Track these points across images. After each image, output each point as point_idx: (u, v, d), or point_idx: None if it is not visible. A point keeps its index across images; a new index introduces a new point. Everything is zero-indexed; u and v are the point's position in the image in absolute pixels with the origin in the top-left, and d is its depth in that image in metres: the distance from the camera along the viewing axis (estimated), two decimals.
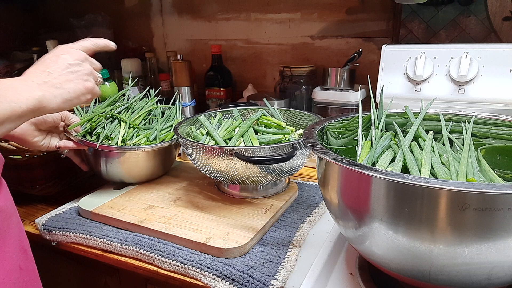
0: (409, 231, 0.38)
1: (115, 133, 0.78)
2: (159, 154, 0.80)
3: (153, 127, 0.84)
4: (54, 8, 1.62)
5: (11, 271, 0.50)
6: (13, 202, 0.54)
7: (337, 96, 0.98)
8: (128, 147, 0.75)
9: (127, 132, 0.79)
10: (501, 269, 0.37)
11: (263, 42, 1.24)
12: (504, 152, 0.51)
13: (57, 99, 0.50)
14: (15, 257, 0.51)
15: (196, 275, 0.56)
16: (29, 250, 0.56)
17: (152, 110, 0.89)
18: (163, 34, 1.43)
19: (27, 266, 0.54)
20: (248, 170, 0.65)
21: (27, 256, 0.55)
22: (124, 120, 0.80)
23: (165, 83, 1.28)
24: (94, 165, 0.79)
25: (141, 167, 0.79)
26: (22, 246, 0.54)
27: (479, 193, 0.33)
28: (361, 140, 0.53)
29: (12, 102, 0.43)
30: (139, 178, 0.81)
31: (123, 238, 0.64)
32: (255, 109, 0.88)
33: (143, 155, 0.77)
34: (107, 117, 0.81)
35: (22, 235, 0.55)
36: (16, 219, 0.54)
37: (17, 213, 0.55)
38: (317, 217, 0.69)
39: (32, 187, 0.80)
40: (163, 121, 0.86)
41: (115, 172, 0.78)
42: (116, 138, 0.77)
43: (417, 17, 0.97)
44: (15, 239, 0.52)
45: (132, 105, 0.86)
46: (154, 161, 0.80)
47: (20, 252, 0.53)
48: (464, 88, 0.78)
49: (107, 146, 0.74)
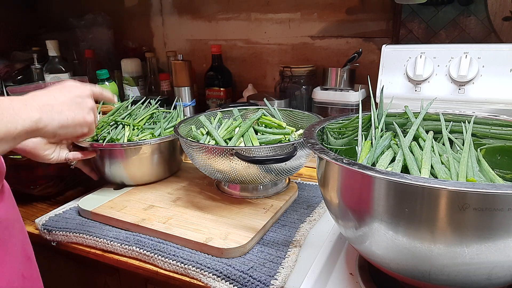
0: (409, 231, 0.38)
1: (121, 135, 0.79)
2: (165, 150, 0.80)
3: (157, 126, 0.85)
4: (54, 8, 1.62)
5: (14, 280, 0.50)
6: (17, 209, 0.54)
7: (337, 96, 0.98)
8: (134, 142, 0.76)
9: (131, 132, 0.80)
10: (501, 269, 0.37)
11: (263, 42, 1.24)
12: (504, 152, 0.51)
13: (54, 123, 0.49)
14: (17, 266, 0.51)
15: (196, 275, 0.56)
16: (33, 257, 0.56)
17: (154, 115, 0.90)
18: (163, 34, 1.43)
19: (31, 274, 0.54)
20: (248, 170, 0.65)
21: (30, 263, 0.55)
22: (127, 123, 0.82)
23: (165, 83, 1.28)
24: (101, 169, 0.79)
25: (146, 166, 0.79)
26: (26, 253, 0.54)
27: (479, 193, 0.33)
28: (361, 140, 0.53)
29: (8, 123, 0.43)
30: (145, 178, 0.81)
31: (123, 238, 0.64)
32: (255, 109, 0.88)
33: (149, 152, 0.78)
34: (111, 123, 0.83)
35: (26, 242, 0.55)
36: (20, 226, 0.53)
37: (21, 220, 0.54)
38: (317, 217, 0.69)
39: (32, 187, 0.80)
40: (166, 121, 0.88)
41: (121, 173, 0.78)
42: (122, 139, 0.78)
43: (417, 17, 0.97)
44: (18, 248, 0.52)
45: (134, 111, 0.88)
46: (159, 158, 0.80)
47: (24, 260, 0.53)
48: (464, 88, 0.78)
49: (114, 144, 0.76)
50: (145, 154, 0.77)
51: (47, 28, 1.61)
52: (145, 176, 0.81)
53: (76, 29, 1.49)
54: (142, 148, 0.76)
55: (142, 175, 0.80)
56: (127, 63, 1.31)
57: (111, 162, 0.77)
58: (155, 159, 0.79)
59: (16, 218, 0.53)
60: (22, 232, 0.54)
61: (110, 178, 0.80)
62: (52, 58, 1.32)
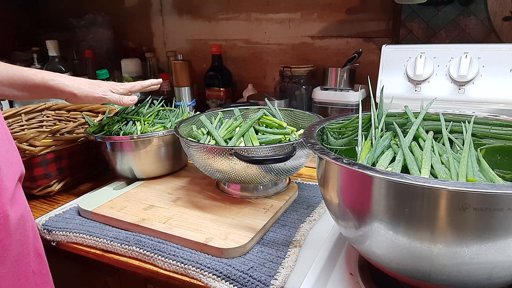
0: (409, 231, 0.38)
1: (133, 129, 0.83)
2: (176, 142, 0.83)
3: (167, 120, 0.89)
4: (54, 8, 1.62)
5: (26, 276, 0.51)
6: (29, 208, 0.55)
7: (337, 96, 0.98)
8: (149, 134, 0.79)
9: (143, 127, 0.84)
10: (501, 269, 0.37)
11: (263, 42, 1.24)
12: (504, 152, 0.51)
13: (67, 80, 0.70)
14: (29, 262, 0.52)
15: (196, 275, 0.56)
16: (43, 253, 0.57)
17: (160, 112, 0.93)
18: (163, 34, 1.43)
19: (41, 270, 0.55)
20: (248, 170, 0.65)
21: (41, 260, 0.56)
22: (137, 119, 0.86)
23: (165, 83, 1.28)
24: (113, 163, 0.82)
25: (158, 158, 0.82)
26: (37, 250, 0.55)
27: (479, 193, 0.33)
28: (361, 140, 0.53)
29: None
30: (156, 171, 0.84)
31: (123, 238, 0.64)
32: (256, 109, 0.88)
33: (162, 144, 0.81)
34: (122, 121, 0.86)
35: (37, 239, 0.56)
36: (32, 224, 0.54)
37: (32, 218, 0.55)
38: (317, 217, 0.69)
39: (32, 187, 0.80)
40: (173, 116, 0.91)
41: (134, 166, 0.81)
42: (135, 133, 0.82)
43: (417, 17, 0.97)
44: (30, 244, 0.53)
45: (140, 110, 0.91)
46: (171, 150, 0.83)
47: (35, 256, 0.54)
48: (464, 88, 0.78)
49: (130, 136, 0.79)
50: (158, 146, 0.81)
51: (47, 28, 1.61)
52: (157, 168, 0.84)
53: (76, 29, 1.49)
54: (155, 140, 0.80)
55: (154, 167, 0.83)
56: (127, 63, 1.31)
57: (123, 155, 0.80)
58: (167, 151, 0.83)
59: (29, 216, 0.54)
60: (34, 229, 0.55)
61: (122, 172, 0.83)
62: (52, 58, 1.32)
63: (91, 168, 0.93)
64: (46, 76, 0.70)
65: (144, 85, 0.82)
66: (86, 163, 0.90)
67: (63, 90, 0.70)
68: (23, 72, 0.69)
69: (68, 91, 0.71)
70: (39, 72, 0.70)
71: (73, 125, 0.88)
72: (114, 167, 0.83)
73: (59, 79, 0.70)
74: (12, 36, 1.56)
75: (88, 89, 0.72)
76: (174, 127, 0.77)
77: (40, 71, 0.71)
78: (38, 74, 0.70)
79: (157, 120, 0.89)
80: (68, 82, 0.71)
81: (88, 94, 0.72)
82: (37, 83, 0.69)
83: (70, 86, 0.71)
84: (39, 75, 0.69)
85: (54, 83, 0.70)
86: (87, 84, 0.73)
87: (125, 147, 0.79)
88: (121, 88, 0.78)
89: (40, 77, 0.69)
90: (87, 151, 0.89)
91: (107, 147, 0.80)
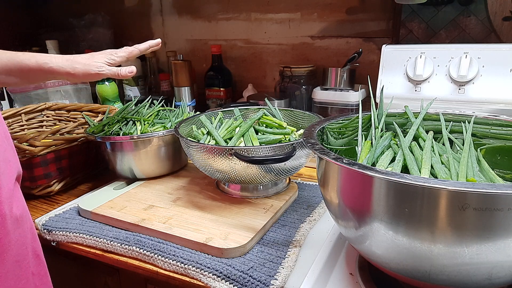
0: (409, 231, 0.38)
1: (133, 129, 0.84)
2: (176, 142, 0.83)
3: (167, 120, 0.89)
4: (54, 8, 1.62)
5: (24, 277, 0.51)
6: (27, 209, 0.55)
7: (337, 96, 0.98)
8: (149, 134, 0.79)
9: (143, 127, 0.84)
10: (501, 269, 0.37)
11: (263, 42, 1.24)
12: (504, 152, 0.51)
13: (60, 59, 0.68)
14: (28, 263, 0.52)
15: (196, 275, 0.56)
16: (41, 255, 0.56)
17: (160, 112, 0.94)
18: (163, 34, 1.43)
19: (39, 271, 0.55)
20: (248, 170, 0.65)
21: (39, 261, 0.55)
22: (137, 119, 0.86)
23: (165, 83, 1.28)
24: (113, 163, 0.82)
25: (158, 158, 0.82)
26: (35, 251, 0.54)
27: (479, 193, 0.33)
28: (361, 140, 0.53)
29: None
30: (157, 171, 0.84)
31: (123, 238, 0.64)
32: (256, 109, 0.88)
33: (162, 143, 0.81)
34: (122, 121, 0.86)
35: (35, 240, 0.56)
36: (30, 225, 0.54)
37: (31, 219, 0.55)
38: (317, 217, 0.69)
39: (32, 187, 0.80)
40: (173, 116, 0.91)
41: (134, 166, 0.81)
42: (135, 133, 0.82)
43: (417, 17, 0.97)
44: (29, 245, 0.52)
45: (140, 110, 0.92)
46: (171, 150, 0.83)
47: (33, 257, 0.54)
48: (464, 88, 0.78)
49: (130, 136, 0.79)
50: (158, 146, 0.81)
51: (47, 28, 1.61)
52: (157, 168, 0.84)
53: (76, 29, 1.49)
54: (155, 140, 0.80)
55: (154, 167, 0.83)
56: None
57: (123, 155, 0.80)
58: (167, 151, 0.83)
59: (27, 216, 0.54)
60: (32, 230, 0.54)
61: (121, 172, 0.83)
62: None
63: (91, 168, 0.93)
64: (39, 59, 0.68)
65: (141, 48, 0.78)
66: (86, 163, 0.90)
67: (59, 71, 0.69)
68: (17, 58, 0.67)
69: (64, 71, 0.69)
70: (33, 56, 0.69)
71: (73, 125, 0.88)
72: (114, 167, 0.83)
73: (53, 61, 0.68)
74: (12, 36, 1.56)
75: (83, 66, 0.70)
76: (174, 127, 0.77)
77: (34, 55, 0.69)
78: (31, 59, 0.68)
79: (157, 120, 0.89)
80: (62, 63, 0.69)
81: (85, 72, 0.70)
82: (32, 67, 0.68)
83: (64, 66, 0.69)
84: (32, 60, 0.68)
85: (48, 66, 0.68)
86: (82, 61, 0.71)
87: (125, 147, 0.79)
88: (118, 56, 0.75)
89: (34, 61, 0.68)
90: (87, 151, 0.89)
91: (107, 147, 0.80)
